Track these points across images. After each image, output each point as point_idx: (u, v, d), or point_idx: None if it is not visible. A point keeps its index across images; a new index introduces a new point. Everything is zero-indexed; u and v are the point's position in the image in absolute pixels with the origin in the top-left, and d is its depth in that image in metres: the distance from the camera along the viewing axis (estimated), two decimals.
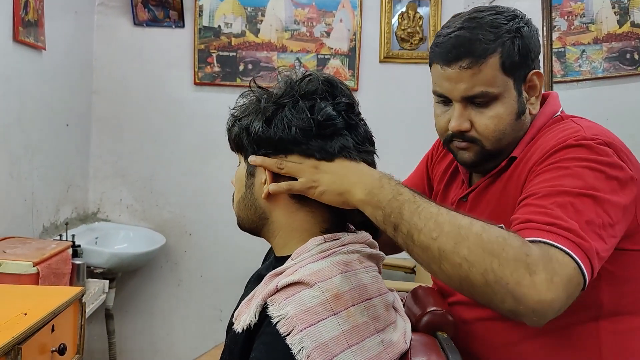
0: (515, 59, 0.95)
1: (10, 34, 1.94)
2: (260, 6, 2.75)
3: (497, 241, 0.73)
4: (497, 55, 0.94)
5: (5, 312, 1.29)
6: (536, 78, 1.00)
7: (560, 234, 0.77)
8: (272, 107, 0.85)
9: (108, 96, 2.73)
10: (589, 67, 2.25)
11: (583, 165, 0.85)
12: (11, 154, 1.99)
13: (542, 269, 0.72)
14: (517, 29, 0.95)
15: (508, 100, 0.97)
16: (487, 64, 0.94)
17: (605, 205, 0.82)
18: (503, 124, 0.97)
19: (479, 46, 0.94)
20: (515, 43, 0.95)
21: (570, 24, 2.26)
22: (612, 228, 0.82)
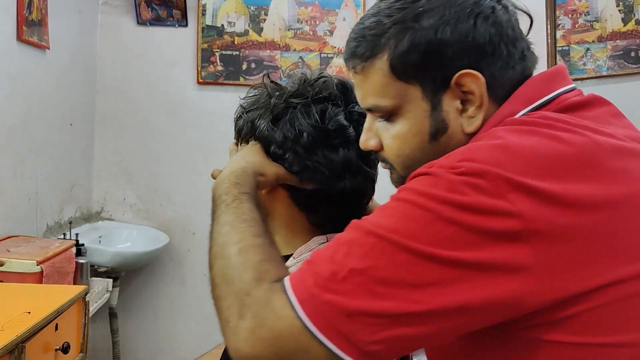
0: (412, 58, 0.66)
1: (14, 34, 1.95)
2: (264, 5, 2.75)
3: (236, 268, 0.64)
4: (385, 57, 0.68)
5: (9, 311, 1.29)
6: (470, 81, 0.66)
7: (305, 278, 0.59)
8: (283, 105, 0.84)
9: (111, 95, 2.74)
10: (594, 66, 2.24)
11: (406, 198, 0.60)
12: (15, 153, 1.99)
13: (251, 315, 0.59)
14: (418, 15, 0.66)
15: (413, 116, 0.69)
16: (374, 67, 0.69)
17: (407, 255, 0.56)
18: (409, 146, 0.70)
19: (364, 43, 0.69)
20: (409, 36, 0.66)
21: (575, 22, 2.26)
22: (413, 289, 0.55)
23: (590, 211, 0.56)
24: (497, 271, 0.54)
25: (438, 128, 0.68)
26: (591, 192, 0.57)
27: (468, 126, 0.68)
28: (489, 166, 0.56)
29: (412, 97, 0.68)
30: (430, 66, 0.67)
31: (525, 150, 0.58)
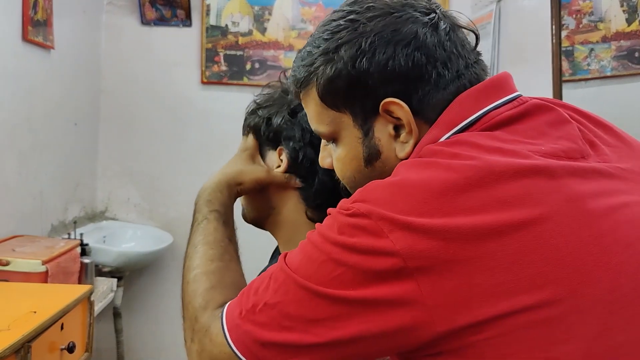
0: (337, 87, 0.67)
1: (19, 33, 1.95)
2: (267, 5, 2.75)
3: (190, 294, 0.75)
4: (314, 87, 0.70)
5: (15, 310, 1.30)
6: (396, 109, 0.66)
7: (236, 307, 0.65)
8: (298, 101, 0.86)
9: (116, 95, 2.74)
10: (598, 66, 2.24)
11: (312, 240, 0.62)
12: (20, 152, 2.00)
13: (197, 340, 0.70)
14: (338, 46, 0.66)
15: (349, 142, 0.71)
16: (309, 97, 0.72)
17: (305, 293, 0.60)
18: (349, 169, 0.72)
19: (298, 72, 0.71)
20: (331, 67, 0.67)
21: (579, 23, 2.25)
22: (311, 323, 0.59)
23: (476, 243, 0.55)
24: (384, 306, 0.57)
25: (371, 154, 0.69)
26: (476, 223, 0.55)
27: (400, 152, 0.68)
28: (376, 207, 0.58)
29: (344, 124, 0.70)
30: (355, 96, 0.67)
31: (414, 188, 0.58)
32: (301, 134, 0.86)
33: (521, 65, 2.25)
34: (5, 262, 1.61)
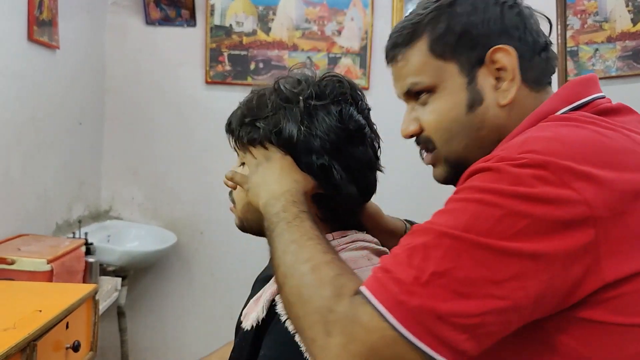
0: (449, 38, 0.75)
1: (25, 33, 1.96)
2: (272, 5, 2.75)
3: (312, 286, 0.64)
4: (424, 40, 0.76)
5: (21, 309, 1.30)
6: (501, 56, 0.74)
7: (387, 286, 0.59)
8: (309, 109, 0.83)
9: (120, 95, 2.75)
10: (603, 66, 2.23)
11: (473, 197, 0.61)
12: (25, 151, 2.01)
13: (339, 332, 0.60)
14: (452, 3, 0.76)
15: (450, 91, 0.76)
16: (414, 50, 0.77)
17: (483, 252, 0.58)
18: (446, 119, 0.76)
19: (404, 34, 0.78)
20: (444, 20, 0.75)
21: (584, 23, 2.25)
22: (495, 285, 0.57)
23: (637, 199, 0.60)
24: (571, 257, 0.57)
25: (474, 99, 0.75)
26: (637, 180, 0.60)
27: (502, 99, 0.74)
28: (550, 157, 0.59)
29: (449, 73, 0.76)
30: (465, 45, 0.75)
31: (577, 142, 0.62)
32: (320, 144, 0.83)
33: None
34: (11, 261, 1.62)
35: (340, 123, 0.84)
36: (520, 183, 0.58)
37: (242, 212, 0.90)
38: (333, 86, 0.86)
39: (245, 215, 0.89)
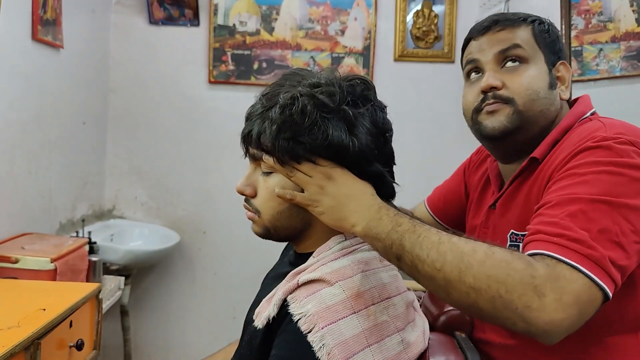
0: (545, 36, 1.03)
1: (29, 33, 1.96)
2: (275, 4, 2.75)
3: (501, 266, 0.72)
4: (530, 27, 1.02)
5: (25, 308, 1.31)
6: (563, 68, 1.05)
7: (569, 246, 0.75)
8: (350, 117, 0.81)
9: (124, 94, 2.75)
10: (607, 66, 2.23)
11: (600, 169, 0.81)
12: (29, 150, 2.01)
13: (550, 290, 0.71)
14: (542, 20, 1.05)
15: (539, 68, 1.02)
16: (521, 28, 1.02)
17: (625, 210, 0.79)
18: (537, 84, 1.00)
19: (513, 17, 1.03)
20: (543, 26, 1.04)
21: (588, 23, 2.24)
22: (637, 234, 0.78)
23: None
24: None
25: (552, 83, 1.03)
26: None
27: (564, 95, 1.05)
28: (633, 137, 0.86)
29: (540, 57, 1.02)
30: (551, 48, 1.04)
31: (633, 128, 0.90)
32: (368, 151, 0.82)
33: None
34: (15, 259, 1.62)
35: (376, 127, 0.84)
36: (628, 156, 0.83)
37: (272, 220, 0.86)
38: (361, 89, 0.85)
39: (276, 223, 0.87)
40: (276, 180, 0.85)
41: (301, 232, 0.88)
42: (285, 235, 0.88)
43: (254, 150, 0.86)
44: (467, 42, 1.08)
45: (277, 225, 0.87)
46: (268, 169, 0.86)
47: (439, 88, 2.85)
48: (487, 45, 1.02)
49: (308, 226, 0.87)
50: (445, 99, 2.85)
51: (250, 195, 0.88)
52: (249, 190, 0.88)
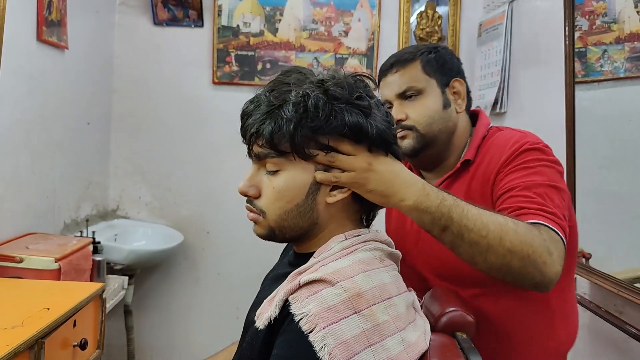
0: (433, 65, 1.25)
1: (34, 34, 1.97)
2: (279, 5, 2.76)
3: (526, 233, 0.92)
4: (418, 61, 1.24)
5: (29, 307, 1.31)
6: (458, 84, 1.28)
7: (549, 217, 1.00)
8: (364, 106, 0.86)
9: (128, 95, 2.76)
10: (611, 67, 2.22)
11: (542, 164, 1.10)
12: (34, 150, 2.02)
13: (554, 249, 0.95)
14: (433, 48, 1.27)
15: (433, 95, 1.25)
16: (411, 66, 1.24)
17: (562, 193, 1.08)
18: (431, 110, 1.24)
19: (404, 57, 1.25)
20: (431, 55, 1.25)
21: (592, 24, 2.23)
22: (565, 208, 1.06)
23: None
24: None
25: (446, 103, 1.27)
26: None
27: (459, 108, 1.29)
28: (540, 142, 1.16)
29: (432, 85, 1.26)
30: (442, 72, 1.27)
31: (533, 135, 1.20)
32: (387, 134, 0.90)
33: (533, 66, 2.24)
34: (19, 259, 1.63)
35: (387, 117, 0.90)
36: (551, 154, 1.14)
37: (278, 221, 0.86)
38: (365, 85, 0.90)
39: (282, 223, 0.87)
40: (284, 179, 0.85)
41: (306, 233, 0.88)
42: (291, 236, 0.88)
43: (260, 150, 0.86)
44: (379, 81, 1.32)
45: (283, 226, 0.87)
46: (274, 168, 0.86)
47: None
48: (389, 86, 1.25)
49: (314, 226, 0.87)
50: None
51: (254, 195, 0.88)
52: (253, 190, 0.88)
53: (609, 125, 1.77)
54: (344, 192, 0.85)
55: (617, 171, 1.69)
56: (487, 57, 2.63)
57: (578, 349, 1.80)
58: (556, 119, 1.94)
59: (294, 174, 0.85)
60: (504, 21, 2.47)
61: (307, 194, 0.85)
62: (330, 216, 0.87)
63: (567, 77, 1.81)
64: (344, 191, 0.85)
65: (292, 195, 0.85)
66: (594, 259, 1.73)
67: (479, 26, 2.73)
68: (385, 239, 0.91)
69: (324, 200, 0.85)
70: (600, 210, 1.73)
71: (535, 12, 2.24)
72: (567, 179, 1.79)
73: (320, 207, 0.86)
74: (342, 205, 0.87)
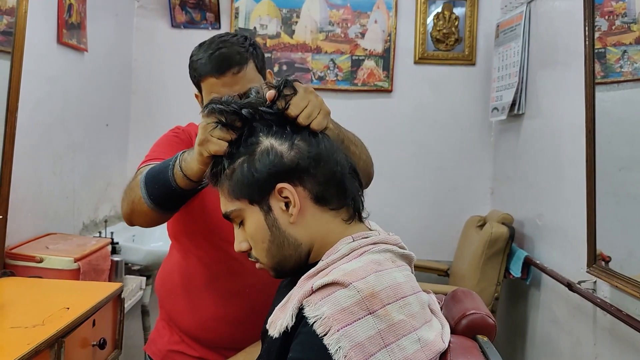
0: (261, 62, 1.25)
1: (54, 36, 2.00)
2: (296, 7, 2.77)
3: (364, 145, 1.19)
4: (252, 62, 1.21)
5: (49, 306, 1.33)
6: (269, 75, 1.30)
7: None
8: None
9: (146, 97, 2.78)
10: (631, 68, 2.19)
11: None
12: (54, 152, 2.04)
13: None
14: (254, 43, 1.25)
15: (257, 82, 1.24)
16: (249, 68, 1.20)
17: None
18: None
19: (240, 58, 1.20)
20: (258, 52, 1.24)
21: (611, 24, 2.21)
22: None
23: None
24: None
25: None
26: None
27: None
28: None
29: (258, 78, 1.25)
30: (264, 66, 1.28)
31: None
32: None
33: (552, 67, 2.22)
34: (39, 259, 1.65)
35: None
36: None
37: (269, 260, 0.88)
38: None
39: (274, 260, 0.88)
40: (249, 224, 0.87)
41: (300, 255, 0.88)
42: (291, 267, 0.89)
43: (224, 209, 0.90)
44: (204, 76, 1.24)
45: (276, 262, 0.88)
46: (239, 220, 0.89)
47: (459, 90, 2.83)
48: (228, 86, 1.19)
49: (299, 247, 0.87)
50: (465, 101, 2.83)
51: (247, 249, 0.91)
52: (245, 245, 0.90)
53: (628, 126, 1.74)
54: (295, 204, 0.85)
55: (637, 173, 1.66)
56: (505, 58, 2.61)
57: (600, 353, 1.77)
58: (575, 120, 1.92)
59: (251, 218, 0.87)
60: (522, 22, 2.45)
61: (269, 227, 0.86)
62: (308, 230, 0.87)
63: (587, 77, 1.79)
64: (295, 204, 0.85)
65: (261, 236, 0.87)
66: (614, 262, 1.71)
67: (497, 27, 2.71)
68: (397, 242, 0.90)
69: (287, 223, 0.86)
70: (620, 213, 1.70)
71: (554, 13, 2.22)
72: (586, 181, 1.76)
73: (290, 230, 0.86)
74: (311, 215, 0.86)
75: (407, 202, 2.85)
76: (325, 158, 0.87)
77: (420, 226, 2.86)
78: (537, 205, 2.30)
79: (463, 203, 2.85)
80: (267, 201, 0.85)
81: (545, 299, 2.22)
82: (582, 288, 1.81)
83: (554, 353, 2.11)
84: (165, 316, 1.35)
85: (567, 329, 2.01)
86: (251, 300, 1.22)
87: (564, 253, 2.06)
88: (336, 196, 0.87)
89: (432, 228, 2.85)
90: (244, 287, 1.23)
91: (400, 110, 2.82)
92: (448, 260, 2.77)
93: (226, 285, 1.24)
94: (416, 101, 2.82)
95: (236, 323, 1.23)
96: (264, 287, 1.19)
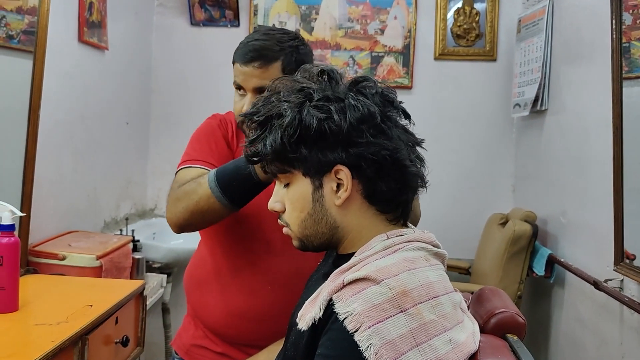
0: (293, 66, 1.18)
1: (75, 35, 2.01)
2: (315, 4, 2.75)
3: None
4: (279, 62, 1.20)
5: (72, 303, 1.33)
6: None
7: None
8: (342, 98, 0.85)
9: (166, 95, 2.79)
10: None
11: None
12: (75, 150, 2.06)
13: None
14: (296, 46, 1.22)
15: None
16: (273, 66, 1.20)
17: None
18: None
19: (268, 53, 1.20)
20: (293, 56, 1.21)
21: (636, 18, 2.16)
22: None
23: None
24: None
25: None
26: None
27: None
28: None
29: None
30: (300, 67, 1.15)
31: None
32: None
33: (576, 62, 2.18)
34: (62, 256, 1.66)
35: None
36: None
37: (300, 231, 0.88)
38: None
39: (304, 232, 0.88)
40: (293, 191, 0.87)
41: (332, 237, 0.88)
42: (319, 243, 0.89)
43: (271, 167, 0.89)
44: (234, 61, 1.26)
45: (306, 235, 0.88)
46: (285, 181, 0.88)
47: (480, 86, 2.80)
48: (248, 77, 1.22)
49: (336, 230, 0.87)
50: (486, 97, 2.80)
51: (280, 210, 0.90)
52: (279, 206, 0.90)
53: None
54: (347, 189, 0.84)
55: None
56: (527, 53, 2.57)
57: (627, 352, 1.74)
58: (601, 116, 1.88)
59: (298, 185, 0.87)
60: (544, 16, 2.41)
61: (313, 201, 0.86)
62: (349, 218, 0.86)
63: (614, 72, 1.75)
64: (347, 188, 0.84)
65: (302, 205, 0.87)
66: (638, 260, 1.67)
67: (519, 22, 2.67)
68: (432, 240, 0.89)
69: (333, 204, 0.85)
70: None
71: (578, 7, 2.18)
72: (613, 178, 1.73)
73: (332, 211, 0.86)
74: (357, 206, 0.86)
75: (427, 199, 2.80)
76: None
77: (441, 224, 2.82)
78: (561, 202, 2.27)
79: (484, 200, 2.82)
80: (320, 178, 0.85)
81: (569, 298, 2.18)
82: (608, 286, 1.78)
83: (579, 352, 2.07)
84: (191, 311, 1.38)
85: (592, 328, 1.97)
86: (272, 298, 1.23)
87: (588, 251, 2.02)
88: (386, 203, 0.87)
89: (453, 226, 2.82)
90: (265, 283, 1.24)
91: (420, 107, 2.79)
92: (469, 258, 2.74)
93: (249, 281, 1.24)
94: (436, 98, 2.79)
95: (257, 320, 1.23)
96: (285, 284, 1.21)
